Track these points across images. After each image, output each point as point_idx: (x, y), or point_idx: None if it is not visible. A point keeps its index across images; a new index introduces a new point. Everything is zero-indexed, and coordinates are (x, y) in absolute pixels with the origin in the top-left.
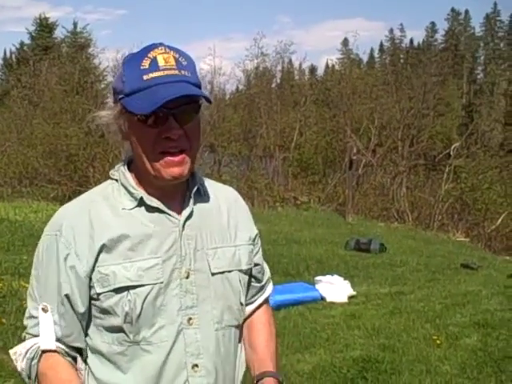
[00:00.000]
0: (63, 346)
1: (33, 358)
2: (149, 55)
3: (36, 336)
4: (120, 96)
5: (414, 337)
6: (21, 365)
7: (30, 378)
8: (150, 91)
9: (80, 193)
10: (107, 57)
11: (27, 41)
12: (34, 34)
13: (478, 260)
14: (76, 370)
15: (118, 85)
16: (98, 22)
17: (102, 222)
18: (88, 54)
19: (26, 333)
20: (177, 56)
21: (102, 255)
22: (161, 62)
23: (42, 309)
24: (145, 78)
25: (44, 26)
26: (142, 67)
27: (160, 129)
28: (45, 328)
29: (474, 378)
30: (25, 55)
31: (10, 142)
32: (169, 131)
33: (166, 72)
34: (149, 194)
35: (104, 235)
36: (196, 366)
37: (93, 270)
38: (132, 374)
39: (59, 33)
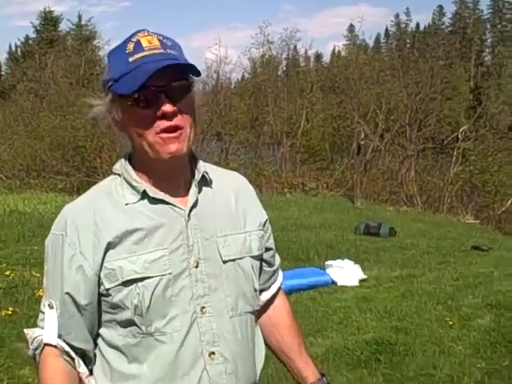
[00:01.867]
0: (63, 344)
1: (36, 348)
2: (132, 39)
3: (42, 328)
4: (109, 84)
5: (427, 318)
6: (29, 349)
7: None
8: (136, 71)
9: (88, 183)
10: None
11: (32, 34)
12: (38, 28)
13: (489, 242)
14: (73, 371)
15: (106, 76)
16: (102, 14)
17: (106, 220)
18: (93, 47)
19: (38, 323)
20: (160, 38)
21: (108, 252)
22: (145, 43)
23: (48, 305)
24: (130, 59)
25: (49, 20)
26: (127, 51)
27: (153, 108)
28: (49, 323)
29: (487, 357)
30: (30, 49)
31: (17, 135)
32: (161, 108)
33: (151, 51)
34: (152, 185)
35: (109, 233)
36: (213, 353)
37: (101, 268)
38: (148, 365)
39: (64, 26)
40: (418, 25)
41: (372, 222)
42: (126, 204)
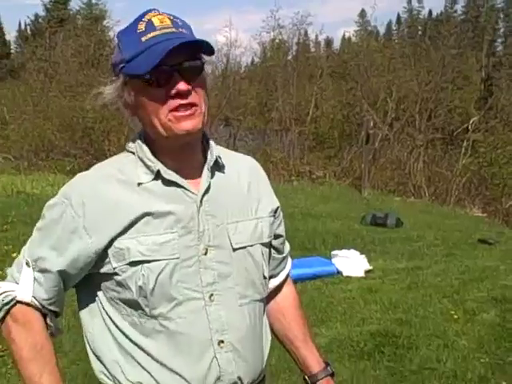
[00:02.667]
0: (37, 303)
1: (6, 304)
2: (143, 19)
3: (16, 283)
4: (121, 66)
5: (431, 311)
6: None
7: None
8: (150, 50)
9: None
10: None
11: (42, 13)
12: (48, 6)
13: (496, 235)
14: (46, 328)
15: (117, 57)
16: None
17: (116, 199)
18: (103, 27)
19: (10, 274)
20: (171, 17)
21: (117, 233)
22: (156, 22)
23: (26, 263)
24: (143, 39)
25: None
26: (138, 31)
27: (167, 87)
28: (25, 280)
29: (491, 352)
30: (40, 27)
31: (26, 115)
32: (176, 86)
33: (163, 30)
34: (165, 165)
35: (119, 214)
36: (222, 341)
37: (107, 247)
38: (153, 350)
39: (74, 4)
40: (430, 12)
41: (379, 213)
42: (139, 184)
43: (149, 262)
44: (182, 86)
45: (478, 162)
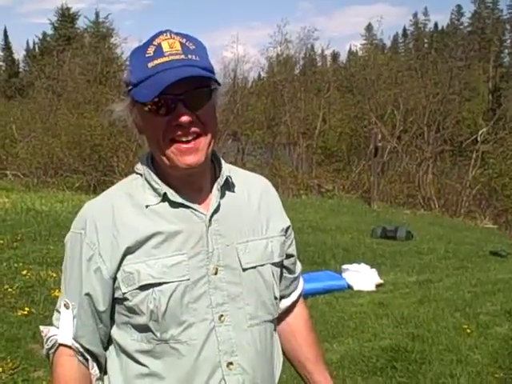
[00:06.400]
0: (78, 345)
1: (51, 348)
2: (153, 43)
3: (57, 328)
4: (129, 88)
5: (444, 326)
6: (43, 348)
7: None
8: (154, 78)
9: (105, 182)
10: (130, 46)
11: (50, 32)
12: (56, 25)
13: (508, 247)
14: (87, 372)
15: (127, 77)
16: (122, 12)
17: (126, 223)
18: (110, 44)
19: (53, 321)
20: (183, 41)
21: (126, 256)
22: (165, 47)
23: (64, 304)
24: (149, 65)
25: (66, 17)
26: (147, 55)
27: (170, 117)
28: (64, 323)
29: (505, 367)
30: (48, 46)
31: (34, 133)
32: (178, 117)
33: (170, 57)
34: (173, 187)
35: (128, 237)
36: (231, 363)
37: (117, 271)
38: (162, 374)
39: (81, 23)
40: (436, 25)
41: (389, 226)
42: (147, 206)
43: (160, 284)
44: (183, 117)
45: (488, 174)
